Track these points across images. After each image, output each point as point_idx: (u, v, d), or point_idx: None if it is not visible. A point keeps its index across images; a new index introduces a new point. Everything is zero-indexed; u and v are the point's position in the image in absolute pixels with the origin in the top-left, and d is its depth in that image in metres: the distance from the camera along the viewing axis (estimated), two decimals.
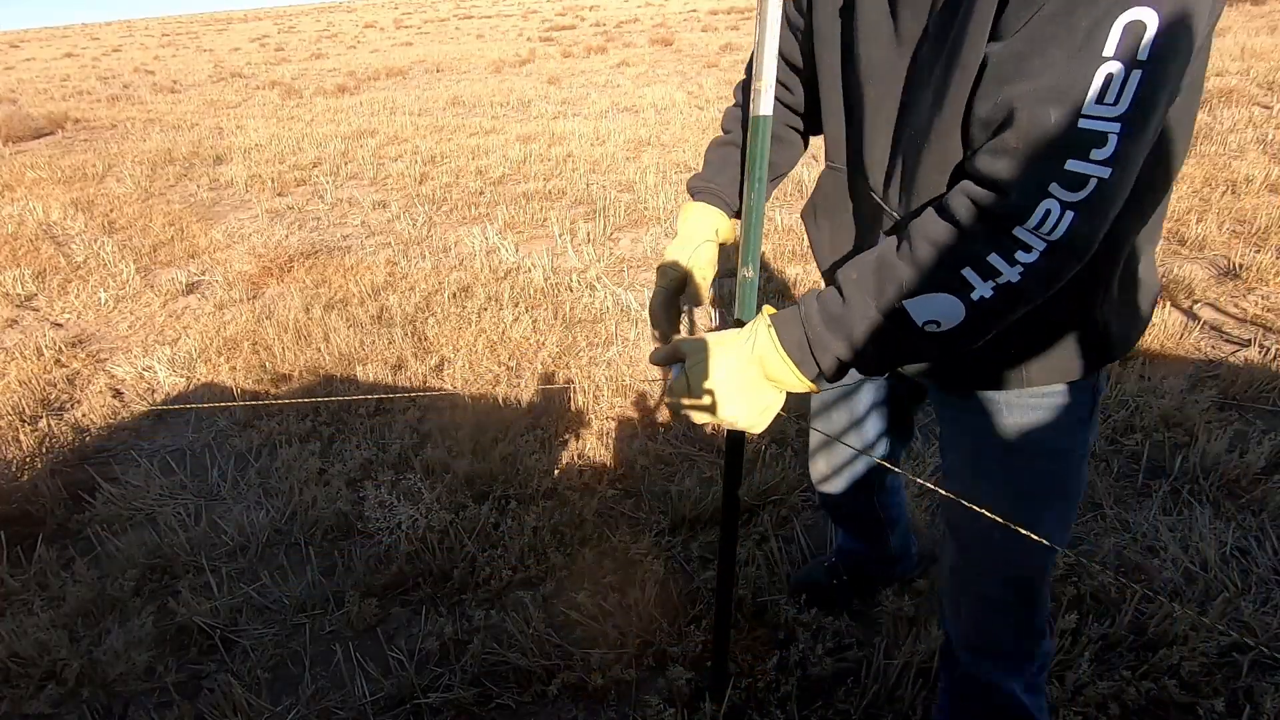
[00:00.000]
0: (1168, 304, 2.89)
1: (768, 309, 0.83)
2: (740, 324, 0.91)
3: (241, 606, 1.86)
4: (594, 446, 2.35)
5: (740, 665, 1.57)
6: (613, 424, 2.46)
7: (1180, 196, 3.84)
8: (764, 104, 0.92)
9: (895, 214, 0.85)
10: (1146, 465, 2.06)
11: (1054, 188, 0.63)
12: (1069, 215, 0.63)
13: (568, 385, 2.67)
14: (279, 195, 5.72)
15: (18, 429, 2.68)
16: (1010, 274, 0.66)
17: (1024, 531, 0.87)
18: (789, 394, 0.82)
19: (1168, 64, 0.61)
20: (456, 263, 4.00)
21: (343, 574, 1.94)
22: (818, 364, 0.77)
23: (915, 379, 1.04)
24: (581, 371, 2.76)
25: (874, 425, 1.28)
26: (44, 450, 2.59)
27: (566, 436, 2.43)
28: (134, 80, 15.70)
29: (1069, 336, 0.85)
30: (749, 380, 0.80)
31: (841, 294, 0.75)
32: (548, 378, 2.77)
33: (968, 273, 0.68)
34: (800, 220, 1.13)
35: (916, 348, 0.73)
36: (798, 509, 2.01)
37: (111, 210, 5.51)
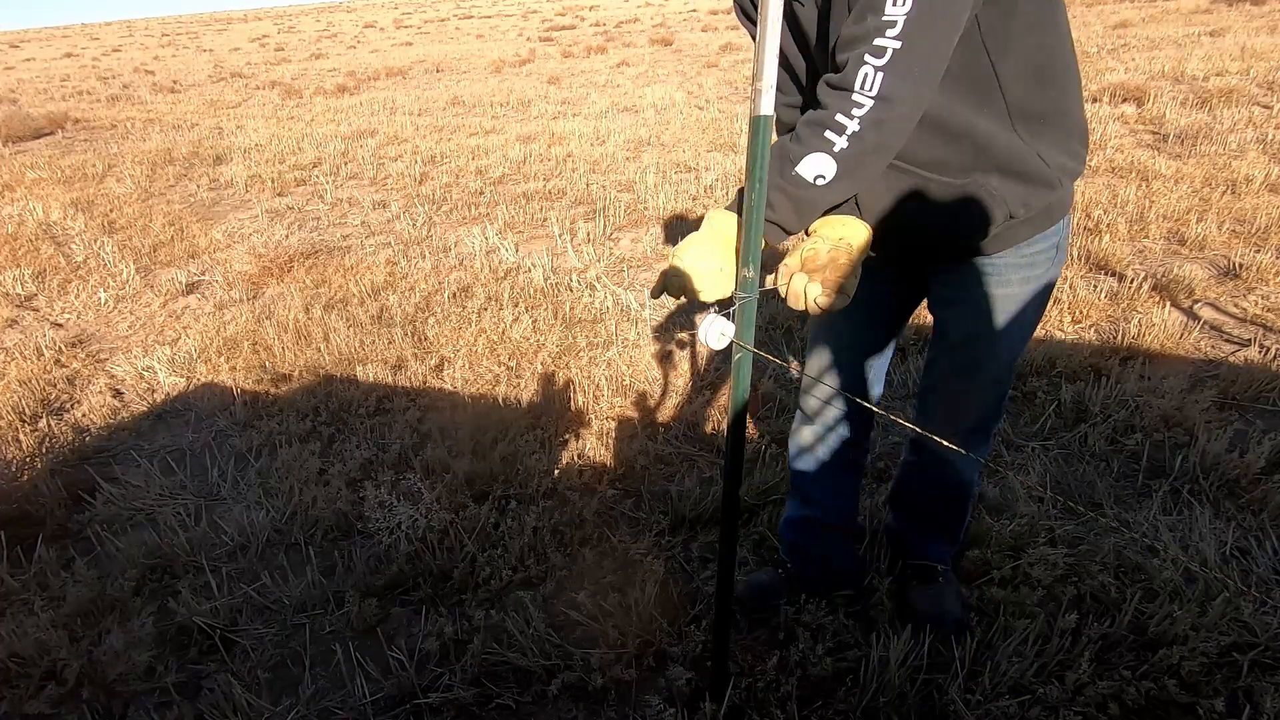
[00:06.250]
0: (1168, 304, 2.89)
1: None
2: (729, 317, 1.10)
3: (241, 606, 1.86)
4: (594, 446, 2.35)
5: (740, 665, 1.57)
6: (613, 424, 2.46)
7: (1180, 196, 3.84)
8: (764, 104, 0.92)
9: None
10: (1146, 465, 2.06)
11: (867, 57, 0.95)
12: (880, 75, 0.95)
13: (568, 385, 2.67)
14: (279, 195, 5.72)
15: (18, 429, 2.68)
16: (852, 125, 0.97)
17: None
18: None
19: None
20: (456, 263, 4.00)
21: (343, 574, 1.94)
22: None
23: (926, 272, 1.37)
24: (581, 371, 2.76)
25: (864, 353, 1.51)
26: (44, 450, 2.59)
27: (566, 436, 2.43)
28: (134, 80, 15.71)
29: (1030, 182, 1.16)
30: (708, 249, 1.09)
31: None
32: (548, 378, 2.77)
33: (828, 134, 0.99)
34: None
35: (816, 197, 1.03)
36: None
37: (111, 210, 5.51)
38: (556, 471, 2.25)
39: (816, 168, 1.00)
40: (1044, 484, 2.03)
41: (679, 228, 4.22)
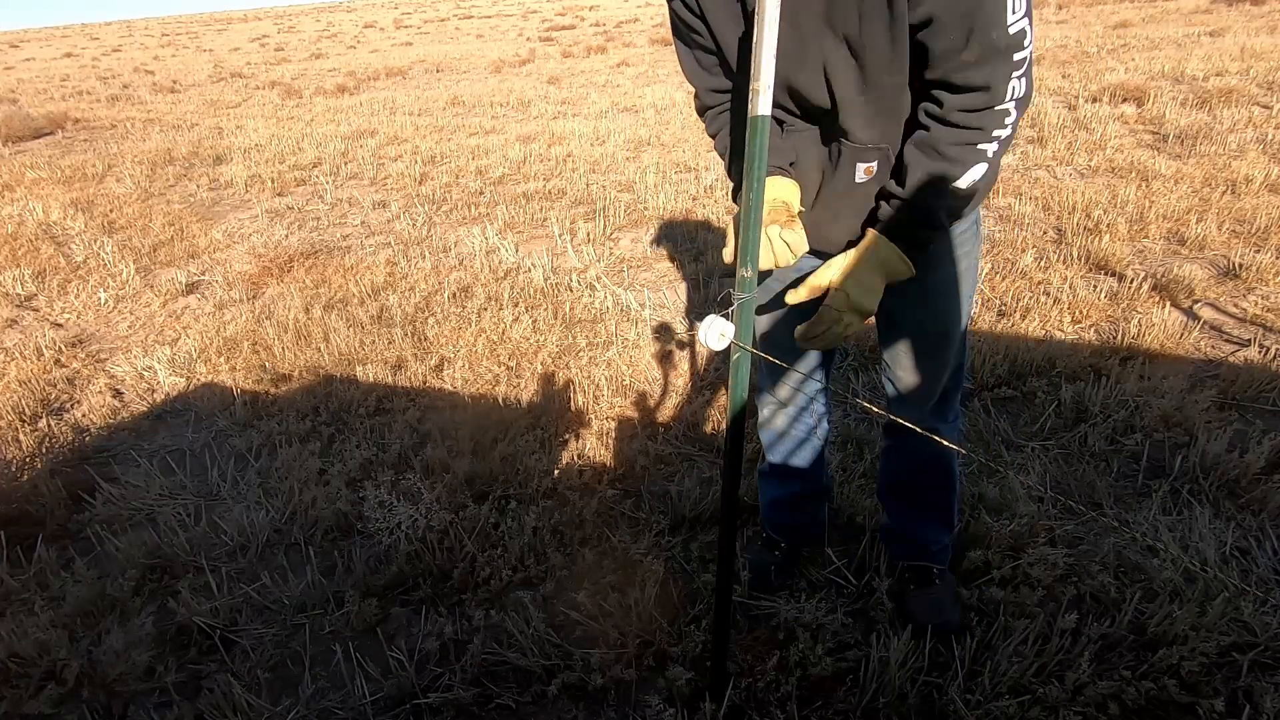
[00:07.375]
0: (1168, 304, 2.89)
1: (872, 232, 1.18)
2: (728, 318, 1.11)
3: (241, 606, 1.86)
4: (594, 446, 2.35)
5: (740, 665, 1.57)
6: (613, 424, 2.46)
7: (1180, 196, 3.84)
8: (762, 104, 0.92)
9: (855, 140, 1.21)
10: (1146, 465, 2.06)
11: (1014, 72, 1.03)
12: (1023, 82, 1.05)
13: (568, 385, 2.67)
14: (279, 195, 5.72)
15: (18, 429, 2.68)
16: (1003, 132, 1.08)
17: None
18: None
19: None
20: (456, 263, 4.00)
21: (343, 574, 1.94)
22: (921, 250, 1.18)
23: None
24: (581, 371, 2.76)
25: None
26: (44, 450, 2.59)
27: (566, 436, 2.43)
28: (134, 80, 15.72)
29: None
30: (878, 284, 1.19)
31: (912, 201, 1.14)
32: (548, 378, 2.77)
33: (983, 146, 1.08)
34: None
35: (967, 199, 1.15)
36: None
37: (111, 210, 5.51)
38: (556, 471, 2.25)
39: (974, 176, 1.12)
40: (1044, 484, 2.03)
41: (679, 228, 4.22)
